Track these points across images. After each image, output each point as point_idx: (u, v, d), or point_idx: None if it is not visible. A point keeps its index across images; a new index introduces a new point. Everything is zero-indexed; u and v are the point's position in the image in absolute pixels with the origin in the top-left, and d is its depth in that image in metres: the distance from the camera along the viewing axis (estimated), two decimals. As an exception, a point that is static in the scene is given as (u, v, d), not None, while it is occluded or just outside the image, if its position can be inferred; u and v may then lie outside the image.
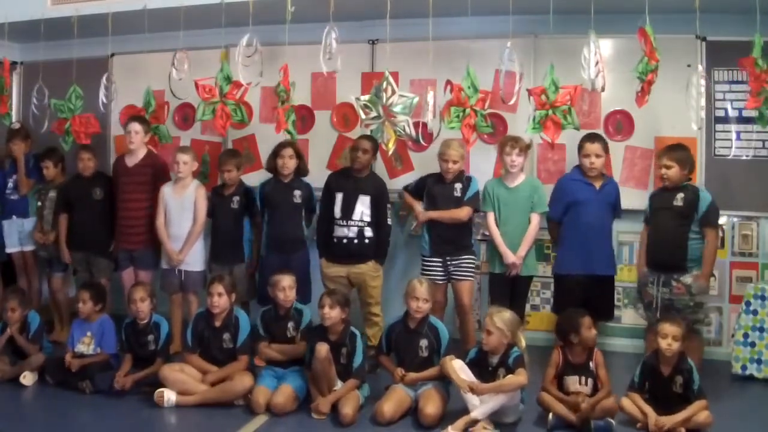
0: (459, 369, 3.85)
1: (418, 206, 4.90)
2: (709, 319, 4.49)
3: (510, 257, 4.64)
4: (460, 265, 4.74)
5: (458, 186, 4.75)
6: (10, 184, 5.57)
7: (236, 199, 5.10)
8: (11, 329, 4.48)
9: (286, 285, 4.30)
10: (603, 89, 4.46)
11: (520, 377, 3.74)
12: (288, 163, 4.94)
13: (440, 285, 4.67)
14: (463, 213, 4.74)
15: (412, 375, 4.02)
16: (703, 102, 4.38)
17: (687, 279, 4.26)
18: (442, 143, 4.76)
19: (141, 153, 5.24)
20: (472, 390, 3.74)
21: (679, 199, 4.32)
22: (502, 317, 3.85)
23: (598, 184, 4.59)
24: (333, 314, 4.04)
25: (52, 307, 5.58)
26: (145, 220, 5.17)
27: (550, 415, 3.81)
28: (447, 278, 4.76)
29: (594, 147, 4.55)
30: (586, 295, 4.49)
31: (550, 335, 4.92)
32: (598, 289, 4.55)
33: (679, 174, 4.33)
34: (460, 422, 3.69)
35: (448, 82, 4.77)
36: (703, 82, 4.37)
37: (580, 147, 4.61)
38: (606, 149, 4.62)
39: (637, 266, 4.61)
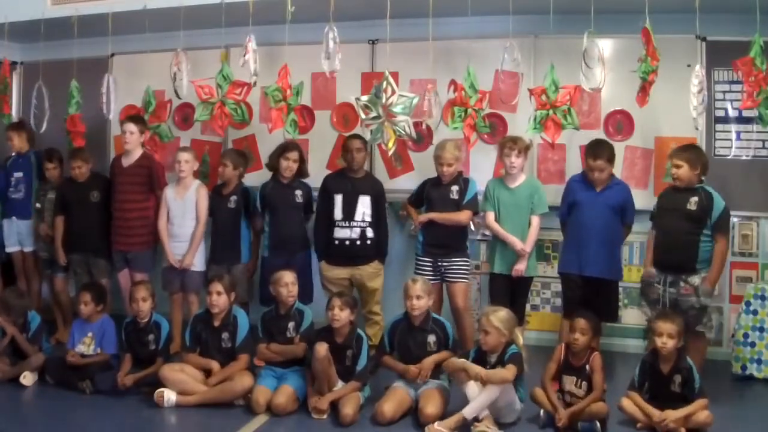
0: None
1: (416, 214, 4.91)
2: (712, 323, 4.35)
3: (518, 244, 4.61)
4: (452, 267, 4.74)
5: (455, 188, 4.74)
6: (13, 182, 5.55)
7: (233, 198, 5.10)
8: (10, 330, 4.47)
9: (288, 281, 4.30)
10: (602, 87, 4.46)
11: (505, 372, 3.72)
12: (292, 166, 4.96)
13: (433, 285, 4.63)
14: (464, 216, 4.74)
15: (427, 361, 4.02)
16: (695, 102, 4.35)
17: (695, 280, 4.20)
18: (437, 146, 4.74)
19: (137, 154, 5.20)
20: (465, 372, 3.74)
21: (692, 203, 4.21)
22: (498, 316, 3.84)
23: (599, 187, 4.54)
24: (343, 316, 4.05)
25: (55, 307, 5.57)
26: (139, 221, 5.14)
27: (542, 411, 3.84)
28: (440, 279, 4.76)
29: (598, 164, 4.45)
30: (586, 295, 4.48)
31: (550, 335, 4.92)
32: (596, 290, 4.50)
33: (689, 173, 4.22)
34: (450, 421, 3.67)
35: (452, 81, 4.77)
36: (696, 81, 4.35)
37: (585, 158, 4.56)
38: (611, 160, 4.49)
39: (645, 264, 4.49)
